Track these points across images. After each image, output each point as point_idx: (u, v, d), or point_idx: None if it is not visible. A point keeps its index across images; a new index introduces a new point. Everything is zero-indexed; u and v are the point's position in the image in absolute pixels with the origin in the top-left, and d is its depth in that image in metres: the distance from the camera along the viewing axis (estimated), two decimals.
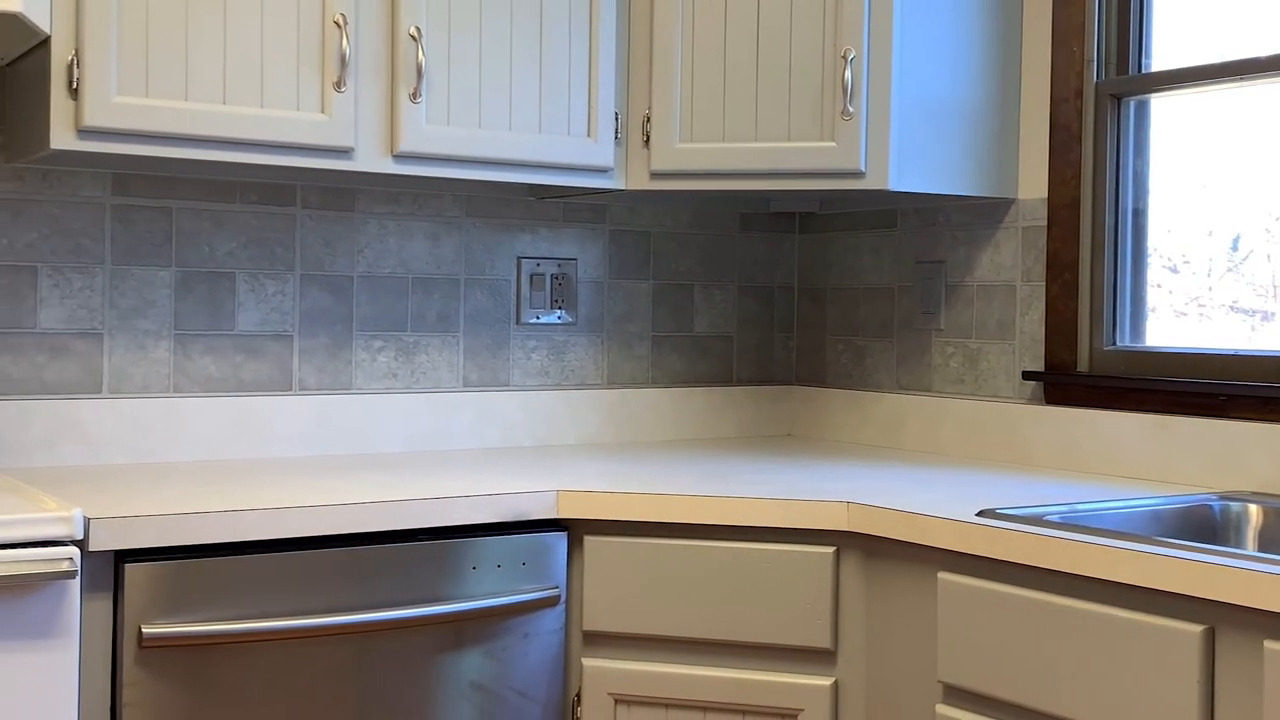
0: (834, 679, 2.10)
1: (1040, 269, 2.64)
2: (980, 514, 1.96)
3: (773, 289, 3.18)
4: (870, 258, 3.00)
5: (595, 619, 2.16)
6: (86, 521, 1.82)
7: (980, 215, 2.76)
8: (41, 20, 2.04)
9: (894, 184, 2.49)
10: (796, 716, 2.10)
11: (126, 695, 1.85)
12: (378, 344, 2.71)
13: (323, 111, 2.28)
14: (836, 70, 2.46)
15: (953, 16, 2.59)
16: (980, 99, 2.63)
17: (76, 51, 2.09)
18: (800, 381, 3.18)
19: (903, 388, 2.92)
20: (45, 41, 2.12)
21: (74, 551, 1.77)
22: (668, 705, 2.13)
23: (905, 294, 2.92)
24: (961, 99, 2.60)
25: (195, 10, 2.17)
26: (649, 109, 2.55)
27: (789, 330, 3.20)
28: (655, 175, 2.56)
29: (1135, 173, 2.58)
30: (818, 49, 2.47)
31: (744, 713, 2.11)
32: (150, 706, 1.86)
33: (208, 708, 1.90)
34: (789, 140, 2.49)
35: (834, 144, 2.46)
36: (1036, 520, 1.91)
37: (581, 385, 2.93)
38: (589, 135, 2.52)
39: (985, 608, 1.87)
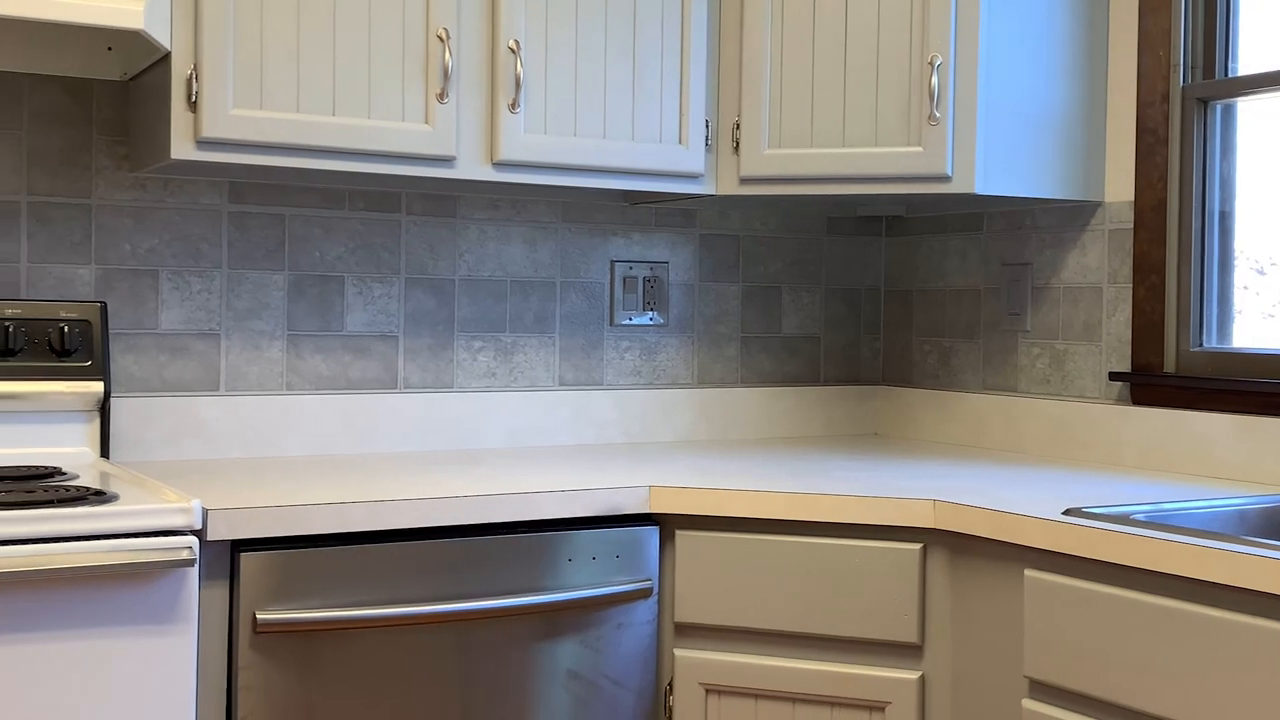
0: (921, 673, 2.07)
1: (1127, 271, 2.59)
2: (1067, 512, 1.93)
3: (859, 291, 3.16)
4: (956, 260, 2.97)
5: (687, 611, 2.16)
6: (205, 512, 1.86)
7: (1067, 218, 2.71)
8: (162, 37, 2.08)
9: (980, 188, 2.46)
10: (884, 709, 2.08)
11: (241, 678, 1.88)
12: (478, 344, 2.73)
13: (426, 122, 2.30)
14: (923, 76, 2.43)
15: (1039, 23, 2.55)
16: (1067, 104, 2.59)
17: (195, 66, 2.13)
18: (886, 381, 3.15)
19: (988, 388, 2.88)
20: (165, 57, 2.16)
21: (193, 541, 1.80)
22: (757, 696, 2.13)
23: (991, 296, 2.88)
24: (1048, 104, 2.56)
25: (306, 26, 2.21)
26: (739, 116, 2.55)
27: (875, 331, 3.17)
28: (745, 180, 2.56)
29: (1222, 176, 2.52)
30: (904, 56, 2.45)
31: (832, 705, 2.10)
32: (263, 689, 1.89)
33: (317, 690, 1.93)
34: (876, 145, 2.47)
35: (921, 149, 2.44)
36: (1123, 519, 1.88)
37: (673, 384, 2.94)
38: (680, 142, 2.52)
39: (1071, 605, 1.84)
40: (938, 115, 2.42)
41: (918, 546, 2.07)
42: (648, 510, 2.15)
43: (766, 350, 3.05)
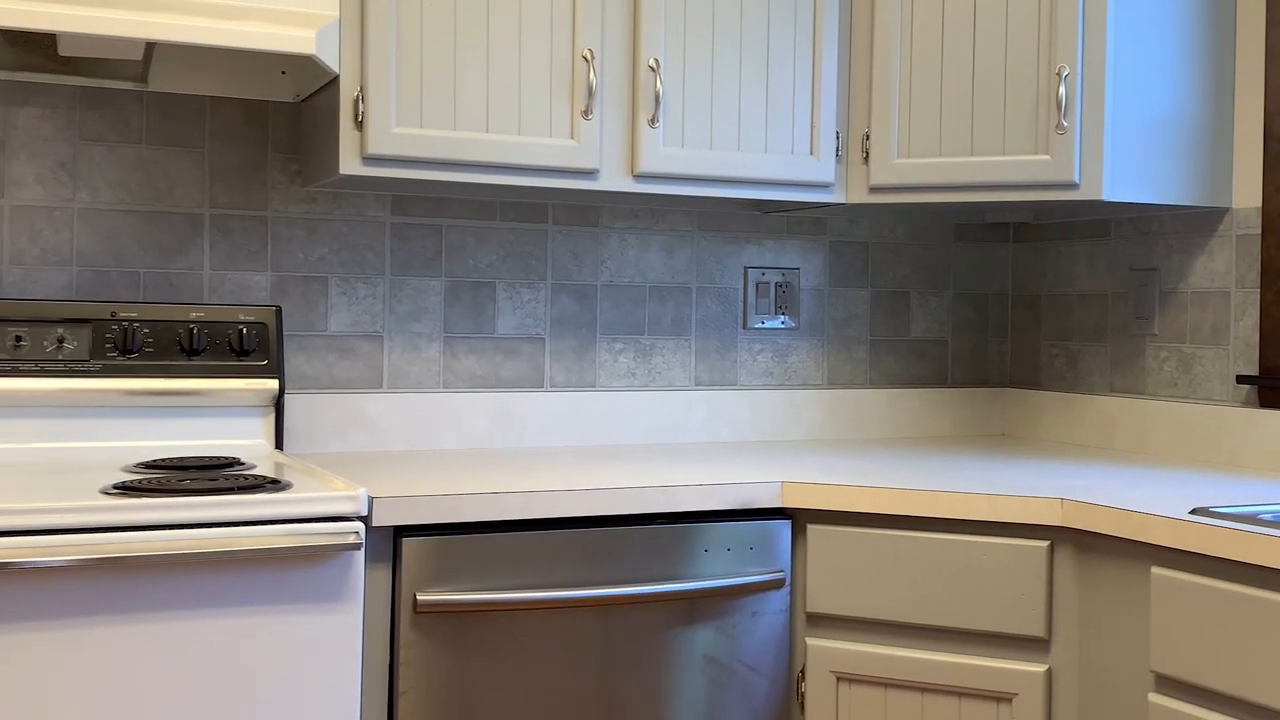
0: (1047, 666, 2.04)
1: (1254, 276, 2.51)
2: (1194, 512, 1.88)
3: (987, 295, 3.11)
4: (1084, 265, 2.90)
5: (818, 601, 2.15)
6: (370, 500, 1.91)
7: (1194, 224, 2.64)
8: (331, 61, 2.15)
9: (1108, 195, 2.41)
10: (1011, 700, 2.05)
11: (402, 654, 1.93)
12: (618, 346, 2.76)
13: (572, 137, 2.34)
14: (1051, 86, 2.39)
15: (1167, 32, 2.48)
16: (1194, 111, 2.52)
17: (361, 88, 2.20)
18: (1014, 384, 3.10)
19: (1115, 391, 2.81)
20: (334, 80, 2.23)
21: (359, 526, 1.84)
22: (886, 685, 2.11)
23: (1119, 300, 2.82)
24: (1175, 112, 2.49)
25: (463, 50, 2.26)
26: (868, 128, 2.54)
27: (1003, 335, 3.12)
28: (874, 189, 2.54)
29: None
30: (1032, 67, 2.41)
31: (960, 695, 2.08)
32: (422, 665, 1.95)
33: (471, 666, 1.97)
34: (1003, 154, 2.44)
35: (1048, 157, 2.40)
36: (1250, 519, 1.82)
37: (804, 385, 2.93)
38: (811, 153, 2.52)
39: (1198, 602, 1.79)
40: (1065, 124, 2.37)
41: (1045, 544, 2.04)
42: (780, 505, 2.16)
43: (894, 353, 3.02)
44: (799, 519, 2.18)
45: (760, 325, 2.88)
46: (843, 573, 2.13)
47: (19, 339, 2.21)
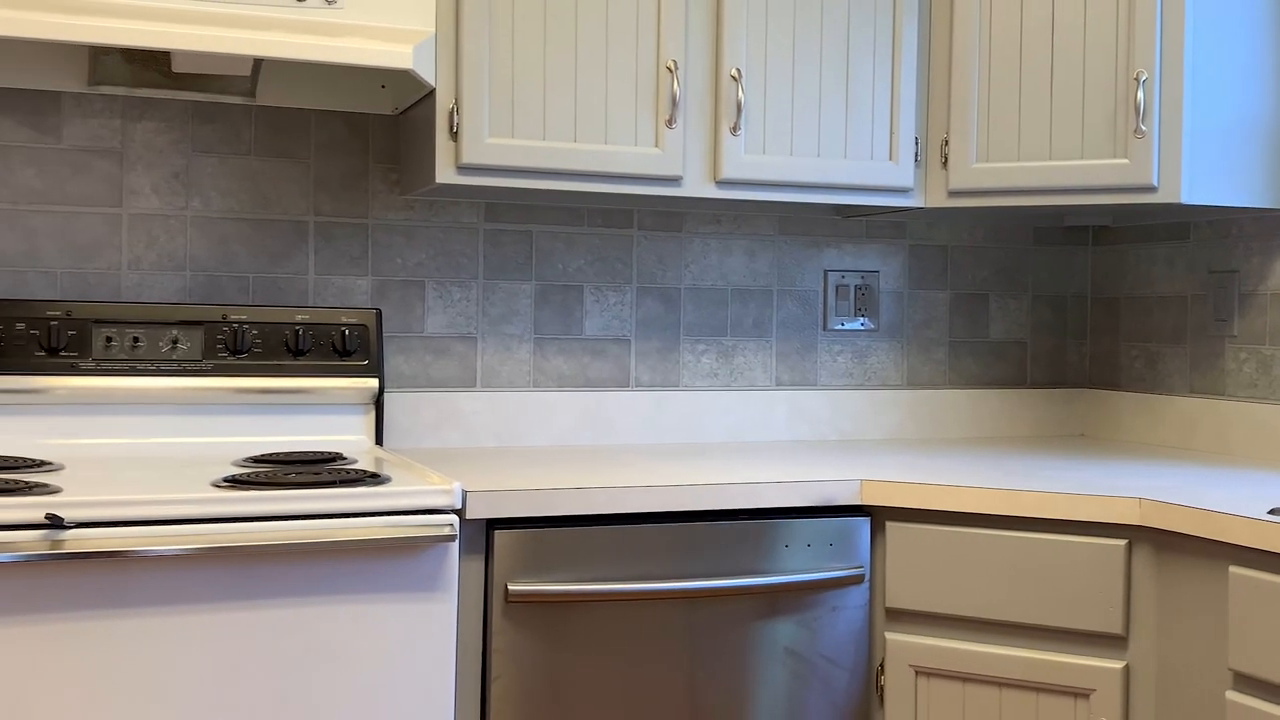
0: (1125, 662, 2.00)
1: None
2: (1272, 511, 1.83)
3: (1066, 298, 3.06)
4: (1163, 267, 2.84)
5: (897, 597, 2.14)
6: (464, 494, 1.93)
7: (1274, 226, 2.57)
8: (428, 76, 2.19)
9: (1186, 198, 2.36)
10: (1089, 696, 2.02)
11: (495, 642, 1.96)
12: (701, 347, 2.77)
13: (656, 145, 2.35)
14: (1129, 91, 2.35)
15: (1244, 35, 2.42)
16: (1273, 113, 2.45)
17: (456, 101, 2.23)
18: (1093, 385, 3.04)
19: (1195, 391, 2.75)
20: (430, 94, 2.26)
21: (454, 519, 1.86)
22: (965, 679, 2.09)
23: (1198, 302, 2.75)
24: (1254, 114, 2.43)
25: (552, 64, 2.29)
26: (947, 133, 2.51)
27: (1082, 336, 3.07)
28: (953, 193, 2.51)
29: None
30: (1110, 71, 2.37)
31: (1038, 690, 2.05)
32: (513, 652, 1.97)
33: (560, 655, 1.99)
34: (1082, 158, 2.40)
35: (1127, 161, 2.35)
36: None
37: (883, 386, 2.91)
38: (891, 159, 2.50)
39: (1277, 601, 1.75)
40: (1143, 128, 2.33)
41: (1123, 542, 2.00)
42: (859, 502, 2.14)
43: (974, 354, 2.99)
44: (878, 516, 2.17)
45: (840, 327, 2.87)
46: (921, 569, 2.12)
47: (136, 340, 2.27)
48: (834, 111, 2.46)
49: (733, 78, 2.38)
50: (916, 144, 2.52)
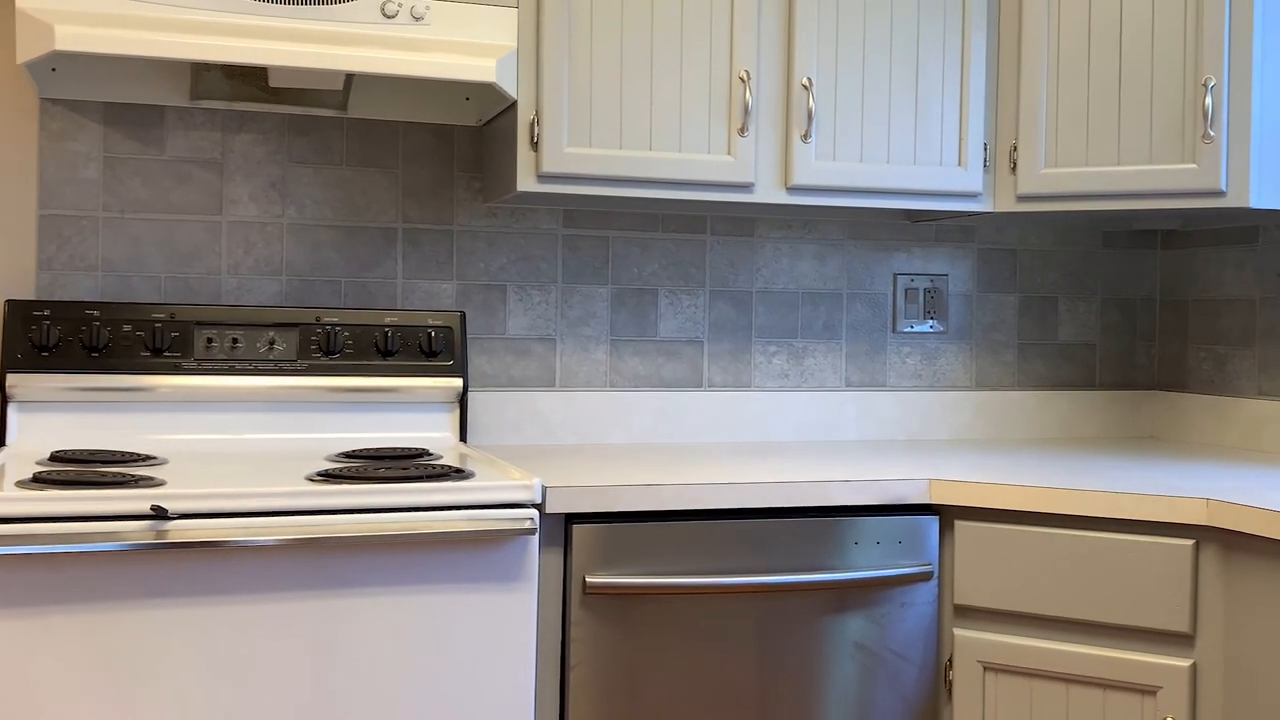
0: (1192, 660, 1.98)
1: None
2: None
3: (1134, 301, 3.02)
4: (1232, 271, 2.79)
5: (965, 594, 2.13)
6: (544, 489, 1.96)
7: None
8: (510, 88, 2.22)
9: (1255, 202, 2.32)
10: (1155, 694, 1.99)
11: (573, 631, 1.98)
12: (772, 349, 2.77)
13: (729, 153, 2.36)
14: (1197, 97, 2.31)
15: None
16: None
17: (537, 112, 2.26)
18: (1162, 387, 3.00)
19: (1264, 394, 2.70)
20: (512, 105, 2.29)
21: (534, 513, 1.89)
22: (1032, 675, 2.08)
23: (1267, 305, 2.70)
24: None
25: (628, 74, 2.31)
26: (1015, 139, 2.49)
27: (1150, 339, 3.02)
28: (1022, 198, 2.49)
29: None
30: (1179, 76, 2.34)
31: (1105, 687, 2.03)
32: (591, 642, 1.99)
33: (636, 645, 2.01)
34: (1150, 163, 2.37)
35: (1195, 166, 2.32)
36: None
37: (952, 387, 2.89)
38: (959, 164, 2.49)
39: None
40: (1212, 134, 2.29)
41: (1190, 542, 1.97)
42: (928, 501, 2.14)
43: (1042, 356, 2.96)
44: (946, 515, 2.16)
45: (909, 329, 2.85)
46: (989, 567, 2.10)
47: (235, 341, 2.34)
48: (903, 118, 2.46)
49: (804, 86, 2.39)
50: (985, 149, 2.51)
